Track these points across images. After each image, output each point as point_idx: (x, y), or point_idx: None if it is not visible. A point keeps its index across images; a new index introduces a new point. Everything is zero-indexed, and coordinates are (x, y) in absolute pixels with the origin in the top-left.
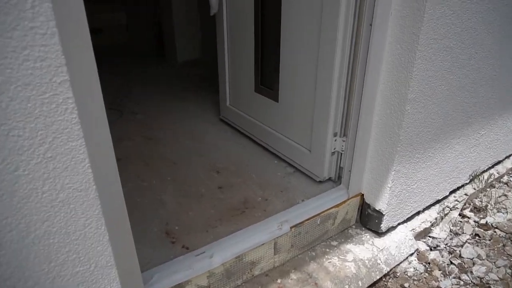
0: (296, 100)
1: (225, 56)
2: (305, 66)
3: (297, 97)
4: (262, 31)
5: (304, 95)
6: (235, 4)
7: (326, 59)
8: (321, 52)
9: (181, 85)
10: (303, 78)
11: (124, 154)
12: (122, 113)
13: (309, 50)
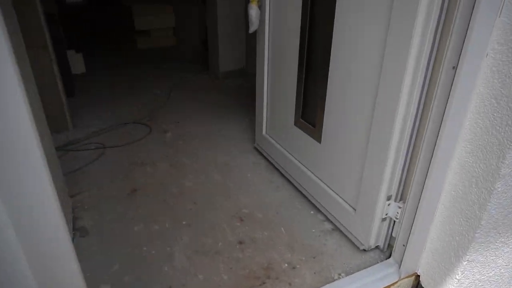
0: (342, 144)
1: (264, 79)
2: (358, 106)
3: (344, 142)
4: (308, 57)
5: (354, 141)
6: (279, 23)
7: (386, 102)
8: (381, 92)
9: (221, 99)
10: (354, 119)
11: (142, 184)
12: (151, 130)
13: (365, 87)
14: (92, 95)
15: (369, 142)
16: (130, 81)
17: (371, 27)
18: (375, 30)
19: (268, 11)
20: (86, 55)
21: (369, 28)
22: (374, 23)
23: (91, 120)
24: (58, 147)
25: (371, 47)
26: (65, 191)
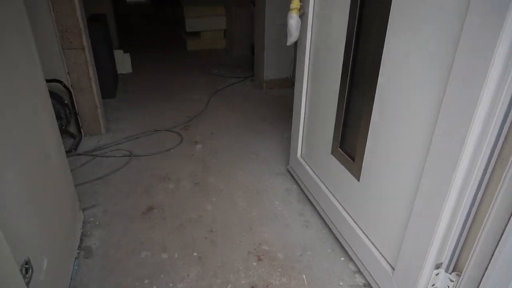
0: (384, 188)
1: (302, 96)
2: (408, 144)
3: (386, 185)
4: (352, 77)
5: (398, 187)
6: (323, 35)
7: (446, 144)
8: (439, 129)
9: (262, 110)
10: (401, 160)
11: (160, 202)
12: (182, 140)
13: (418, 120)
14: (132, 97)
15: (418, 192)
16: (173, 84)
17: (431, 46)
18: (437, 48)
19: (311, 21)
20: (136, 54)
21: (429, 47)
22: (434, 42)
23: (125, 124)
24: (87, 151)
25: (430, 69)
26: (74, 205)
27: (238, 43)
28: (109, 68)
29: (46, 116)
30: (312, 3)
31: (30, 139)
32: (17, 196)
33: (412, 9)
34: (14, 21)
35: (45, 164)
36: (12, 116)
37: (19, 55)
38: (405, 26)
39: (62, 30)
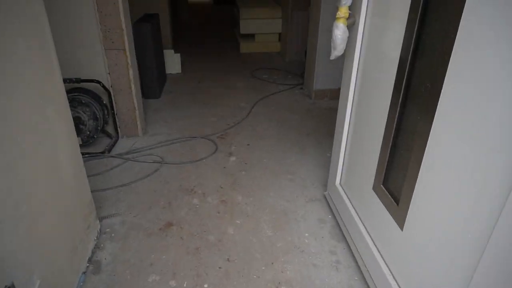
0: (436, 245)
1: (345, 117)
2: (477, 192)
3: (439, 242)
4: (404, 103)
5: (456, 245)
6: (374, 50)
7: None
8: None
9: (306, 123)
10: (464, 212)
11: (181, 219)
12: (216, 149)
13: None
14: (175, 99)
15: (480, 263)
16: (220, 87)
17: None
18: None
19: (362, 33)
20: (188, 54)
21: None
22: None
23: (163, 128)
24: (120, 154)
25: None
26: (90, 214)
27: (292, 48)
28: (154, 69)
29: (60, 122)
30: (365, 11)
31: (34, 147)
32: (3, 211)
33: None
34: (27, 29)
35: (52, 173)
36: (13, 122)
37: (27, 62)
38: (482, 37)
39: (105, 30)
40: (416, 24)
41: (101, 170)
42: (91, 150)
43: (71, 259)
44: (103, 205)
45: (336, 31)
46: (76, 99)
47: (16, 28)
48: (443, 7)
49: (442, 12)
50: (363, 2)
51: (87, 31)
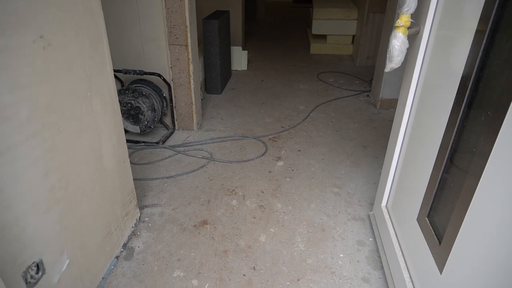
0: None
1: (398, 137)
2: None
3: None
4: (461, 131)
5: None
6: (435, 69)
7: None
8: None
9: (365, 134)
10: (503, 260)
11: (216, 219)
12: (266, 151)
13: None
14: (236, 96)
15: None
16: (283, 88)
17: None
18: None
19: (425, 45)
20: (257, 51)
21: None
22: None
23: (218, 124)
24: (173, 146)
25: None
26: (130, 203)
27: (364, 52)
28: (218, 65)
29: (106, 114)
30: (431, 20)
31: (76, 136)
32: (40, 196)
33: None
34: (80, 25)
35: (93, 162)
36: (57, 111)
37: (77, 56)
38: None
39: (171, 26)
40: (484, 40)
41: (153, 160)
42: (148, 139)
43: (104, 243)
44: (147, 194)
45: (394, 41)
46: (138, 90)
47: (69, 23)
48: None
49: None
50: (430, 9)
51: (154, 26)
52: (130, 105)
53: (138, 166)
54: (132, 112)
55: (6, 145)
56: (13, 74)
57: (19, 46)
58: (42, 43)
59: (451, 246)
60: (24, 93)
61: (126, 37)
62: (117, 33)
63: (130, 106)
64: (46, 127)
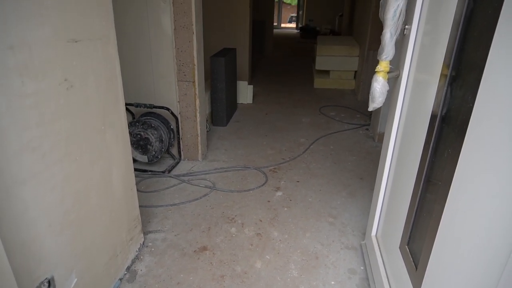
0: None
1: (384, 170)
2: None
3: None
4: (431, 162)
5: None
6: (412, 107)
7: None
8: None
9: (362, 166)
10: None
11: (215, 245)
12: (266, 182)
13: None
14: (240, 128)
15: None
16: (286, 120)
17: None
18: None
19: (404, 87)
20: (262, 85)
21: None
22: None
23: (222, 155)
24: (178, 175)
25: None
26: (135, 228)
27: (366, 87)
28: (224, 99)
29: (118, 145)
30: (408, 65)
31: (90, 165)
32: (56, 218)
33: None
34: (99, 68)
35: (103, 189)
36: (75, 143)
37: (94, 94)
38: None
39: (180, 64)
40: (446, 84)
41: (158, 188)
42: (155, 168)
43: (109, 265)
44: (151, 220)
45: (375, 84)
46: (147, 122)
47: (90, 67)
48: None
49: (466, 80)
50: (407, 56)
51: (165, 64)
52: (140, 136)
53: (145, 193)
54: (141, 143)
55: (32, 172)
56: (41, 112)
57: (47, 88)
58: (66, 85)
59: (424, 271)
60: (49, 128)
61: (139, 73)
62: (131, 69)
63: (139, 137)
64: (65, 156)
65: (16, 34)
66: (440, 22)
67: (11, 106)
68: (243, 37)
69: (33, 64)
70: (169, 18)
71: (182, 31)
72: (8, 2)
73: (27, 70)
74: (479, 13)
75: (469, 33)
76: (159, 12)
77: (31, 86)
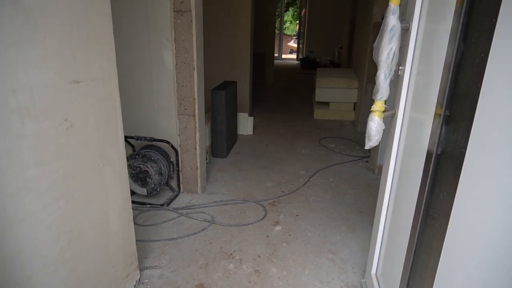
0: None
1: (382, 208)
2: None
3: None
4: (429, 203)
5: None
6: (409, 148)
7: None
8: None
9: (362, 200)
10: None
11: (212, 282)
12: (265, 216)
13: None
14: (240, 160)
15: None
16: (285, 152)
17: None
18: None
19: (400, 127)
20: (263, 116)
21: None
22: None
23: (221, 188)
24: (177, 208)
25: None
26: (131, 264)
27: (365, 119)
28: (224, 131)
29: (115, 181)
30: (403, 105)
31: (87, 203)
32: (50, 257)
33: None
34: (99, 107)
35: (99, 226)
36: (73, 181)
37: (95, 132)
38: (489, 161)
39: (181, 98)
40: (440, 123)
41: (156, 222)
42: (154, 201)
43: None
44: (148, 256)
45: (371, 123)
46: (147, 155)
47: (90, 106)
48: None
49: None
50: (402, 96)
51: (166, 98)
52: (139, 169)
53: (142, 227)
54: (141, 176)
55: (27, 212)
56: (40, 152)
57: (47, 129)
58: (66, 125)
59: None
60: (47, 167)
61: (140, 107)
62: (132, 103)
63: (139, 170)
64: (62, 195)
65: (19, 78)
66: (432, 63)
67: (10, 147)
68: (244, 70)
69: (34, 106)
70: (171, 54)
71: (184, 67)
72: (12, 47)
73: (28, 112)
74: (469, 56)
75: (460, 74)
76: (161, 49)
77: (32, 127)
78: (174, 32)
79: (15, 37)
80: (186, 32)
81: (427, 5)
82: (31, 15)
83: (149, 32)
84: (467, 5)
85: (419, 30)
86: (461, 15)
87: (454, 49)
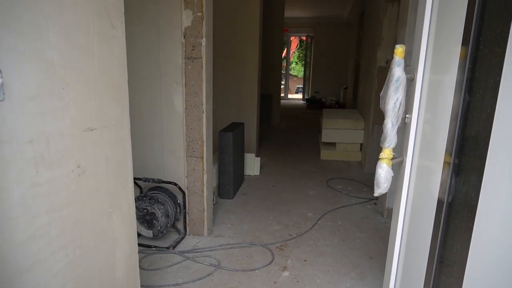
0: None
1: (393, 257)
2: None
3: None
4: (441, 260)
5: None
6: (418, 196)
7: None
8: None
9: (373, 245)
10: None
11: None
12: (272, 260)
13: None
14: (247, 202)
15: None
16: (291, 193)
17: None
18: None
19: (408, 174)
20: (270, 157)
21: None
22: None
23: (227, 230)
24: (183, 251)
25: None
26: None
27: (372, 160)
28: (231, 172)
29: (123, 226)
30: (411, 152)
31: (95, 249)
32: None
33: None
34: (110, 154)
35: (106, 272)
36: (82, 229)
37: (104, 180)
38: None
39: (189, 140)
40: (450, 170)
41: (162, 266)
42: (160, 243)
43: None
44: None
45: (379, 170)
46: (154, 197)
47: (102, 152)
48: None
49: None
50: (410, 143)
51: (175, 140)
52: (146, 211)
53: (147, 272)
54: (147, 218)
55: (37, 260)
56: (51, 199)
57: (60, 176)
58: (78, 172)
59: None
60: (57, 214)
61: (149, 149)
62: (142, 145)
63: (146, 211)
64: (71, 242)
65: (36, 128)
66: (438, 112)
67: (24, 196)
68: (251, 111)
69: (49, 154)
70: (181, 98)
71: (193, 110)
72: (33, 100)
73: (43, 160)
74: (476, 108)
75: (468, 126)
76: (171, 93)
77: (45, 175)
78: (185, 77)
79: (35, 90)
80: (196, 77)
81: (431, 57)
82: (52, 68)
83: (160, 78)
84: (471, 60)
85: (424, 80)
86: (465, 68)
87: (460, 100)
